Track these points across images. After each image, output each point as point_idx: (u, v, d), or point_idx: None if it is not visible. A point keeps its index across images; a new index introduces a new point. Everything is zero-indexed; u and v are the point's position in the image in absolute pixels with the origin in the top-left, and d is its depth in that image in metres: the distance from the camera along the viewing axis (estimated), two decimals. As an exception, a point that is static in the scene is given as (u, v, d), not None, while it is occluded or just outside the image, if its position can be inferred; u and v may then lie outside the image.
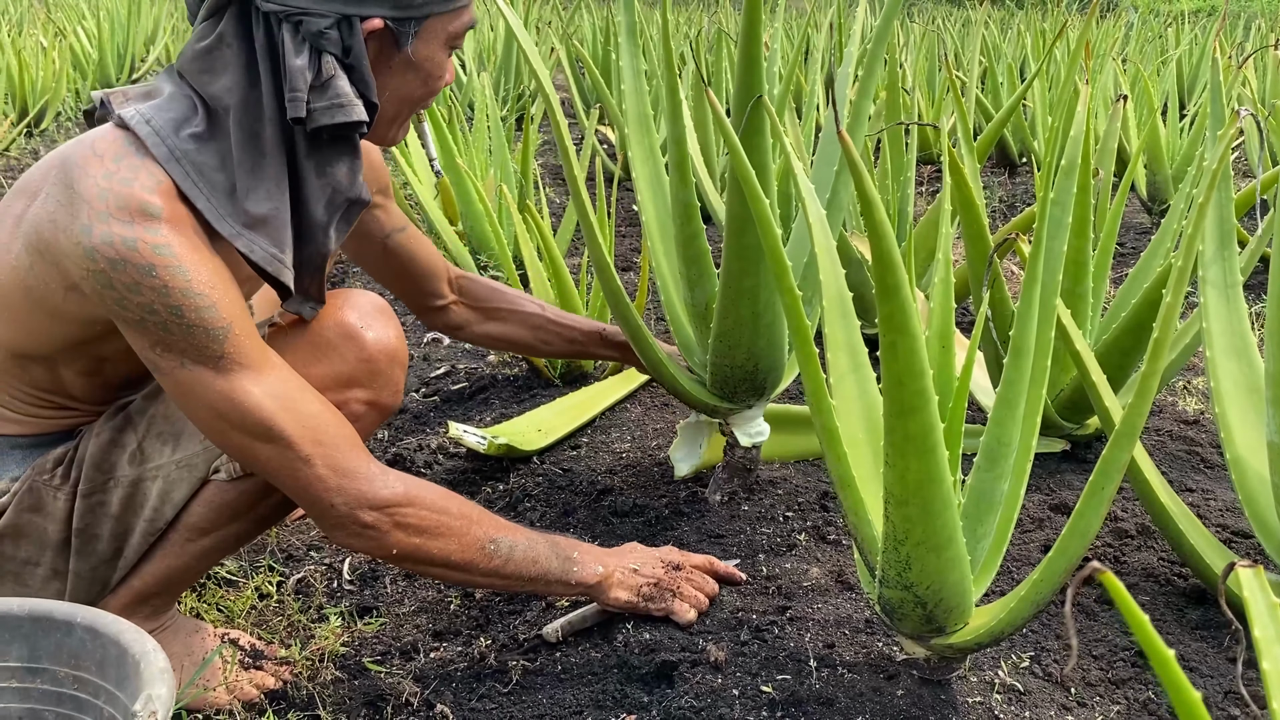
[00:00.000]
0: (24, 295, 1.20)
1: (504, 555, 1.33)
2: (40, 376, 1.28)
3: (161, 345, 1.16)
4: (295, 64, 1.16)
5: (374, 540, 1.27)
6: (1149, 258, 1.94)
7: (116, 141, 1.16)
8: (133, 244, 1.11)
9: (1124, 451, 1.04)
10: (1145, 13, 11.40)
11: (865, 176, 0.95)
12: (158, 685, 0.97)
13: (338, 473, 1.23)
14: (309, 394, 1.25)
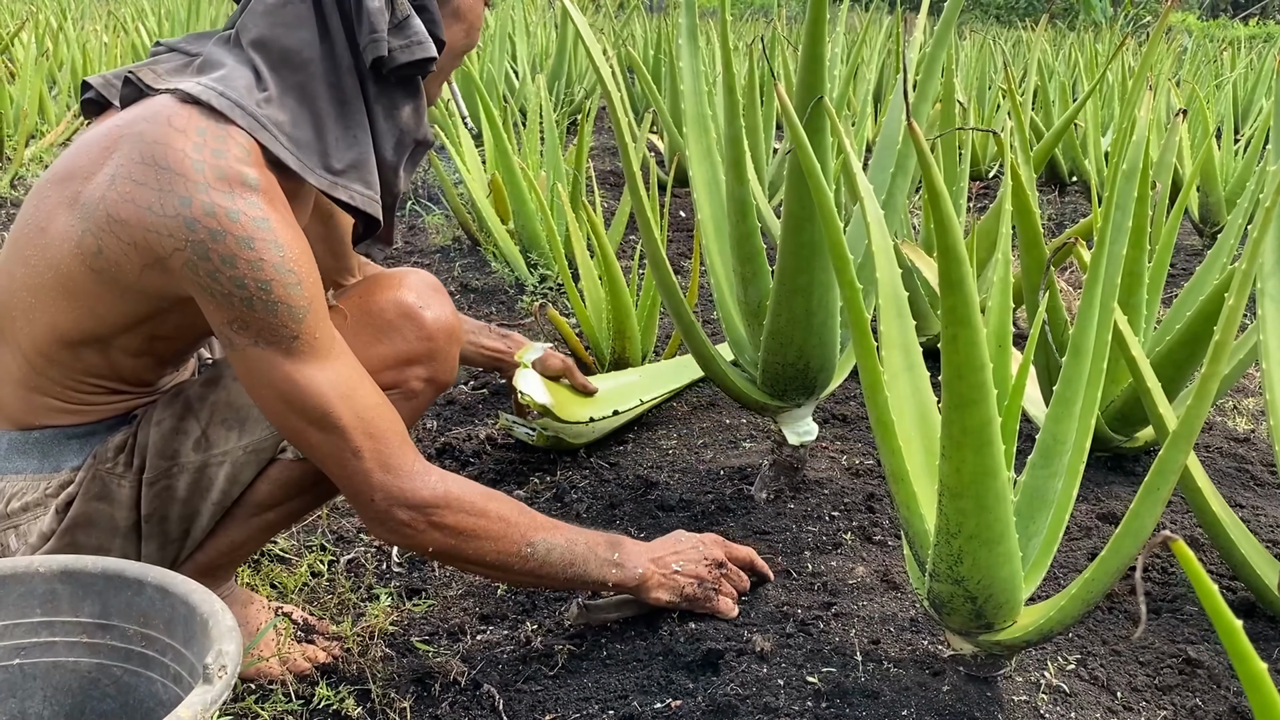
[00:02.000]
0: (90, 278, 1.20)
1: (540, 558, 1.35)
2: (92, 361, 1.28)
3: (240, 321, 1.18)
4: (373, 6, 1.20)
5: (409, 537, 1.30)
6: (1204, 273, 1.93)
7: (192, 115, 1.17)
8: (235, 215, 1.13)
9: (1181, 452, 1.04)
10: (1200, 37, 11.29)
11: (934, 167, 0.96)
12: (226, 642, 1.00)
13: (383, 468, 1.25)
14: (368, 385, 1.27)
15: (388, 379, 1.37)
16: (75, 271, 1.20)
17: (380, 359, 1.36)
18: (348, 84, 1.23)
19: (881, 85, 5.89)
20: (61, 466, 1.32)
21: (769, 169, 3.98)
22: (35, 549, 1.32)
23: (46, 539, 1.31)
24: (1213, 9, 23.38)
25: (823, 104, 1.44)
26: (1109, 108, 5.25)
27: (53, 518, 1.31)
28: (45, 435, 1.31)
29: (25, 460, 1.32)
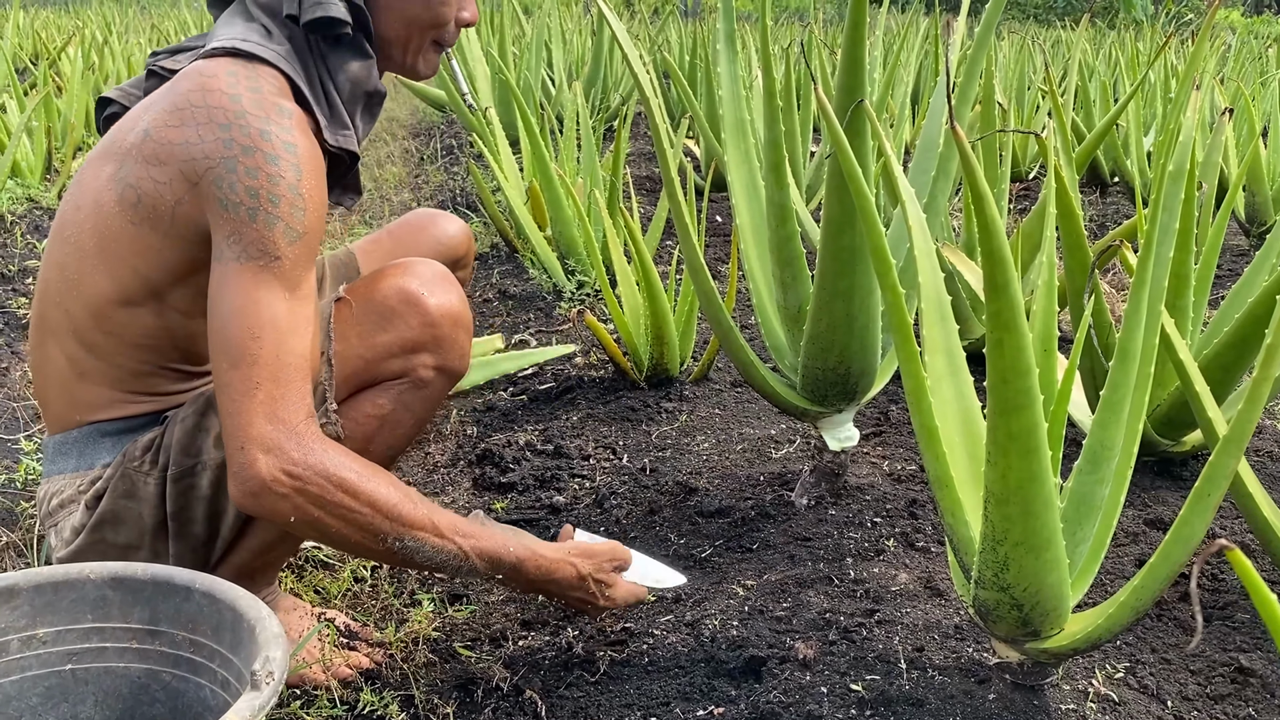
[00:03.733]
0: (129, 232, 1.27)
1: (404, 555, 1.29)
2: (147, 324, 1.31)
3: (237, 234, 1.21)
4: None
5: (268, 499, 1.20)
6: (1253, 273, 1.90)
7: (220, 63, 1.26)
8: (268, 135, 1.22)
9: (1232, 458, 1.02)
10: (1244, 34, 11.12)
11: (977, 171, 0.95)
12: (273, 648, 1.01)
13: (269, 416, 1.19)
14: (305, 339, 1.25)
15: (395, 367, 1.38)
16: (116, 229, 1.27)
17: (385, 347, 1.37)
18: (299, 38, 1.32)
19: (919, 87, 5.86)
20: (95, 463, 1.36)
21: (806, 173, 3.97)
22: (69, 544, 1.36)
23: (78, 534, 1.36)
24: (1257, 5, 23.01)
25: (863, 108, 1.44)
26: (1151, 107, 5.18)
27: (83, 513, 1.35)
28: (84, 433, 1.36)
29: (65, 460, 1.38)
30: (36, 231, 3.60)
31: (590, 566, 1.42)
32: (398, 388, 1.39)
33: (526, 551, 1.36)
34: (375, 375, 1.38)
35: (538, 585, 1.39)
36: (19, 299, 3.01)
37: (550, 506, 1.96)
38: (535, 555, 1.37)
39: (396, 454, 1.46)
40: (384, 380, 1.39)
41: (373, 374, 1.38)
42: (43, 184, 4.00)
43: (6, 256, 3.29)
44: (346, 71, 1.35)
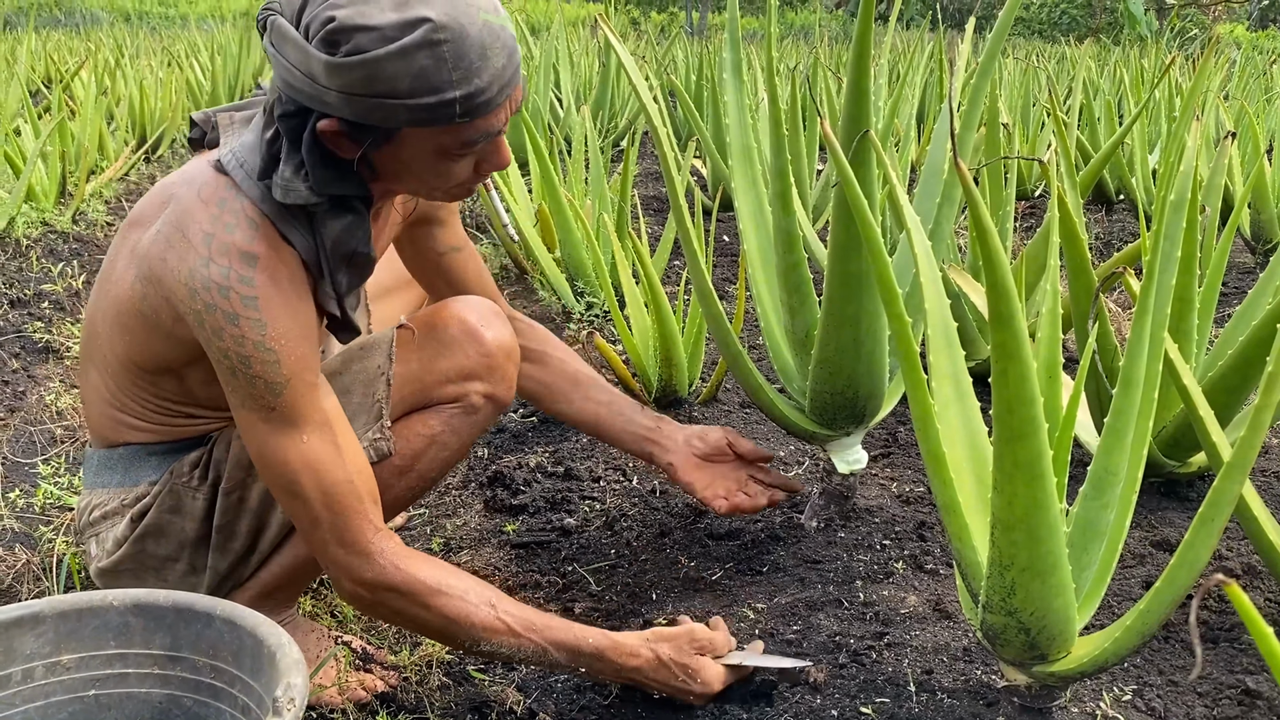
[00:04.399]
0: (140, 320, 1.30)
1: (485, 654, 1.35)
2: (170, 387, 1.38)
3: (229, 385, 1.25)
4: (264, 136, 1.21)
5: (358, 605, 1.35)
6: (1257, 295, 1.92)
7: (219, 187, 1.24)
8: (225, 292, 1.19)
9: (1235, 483, 1.04)
10: (1248, 50, 11.14)
11: (981, 207, 0.98)
12: (294, 675, 1.03)
13: (339, 542, 1.29)
14: (341, 458, 1.28)
15: (450, 392, 1.46)
16: (130, 311, 1.31)
17: (443, 373, 1.45)
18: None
19: (925, 106, 5.88)
20: (140, 481, 1.42)
21: (813, 193, 4.00)
22: (110, 554, 1.42)
23: (120, 544, 1.42)
24: (1261, 20, 23.05)
25: (869, 138, 1.46)
26: (1156, 124, 5.20)
27: (127, 525, 1.42)
28: (128, 452, 1.42)
29: (110, 475, 1.43)
30: (51, 255, 3.64)
31: (669, 649, 1.38)
32: (449, 411, 1.46)
33: (607, 641, 1.37)
34: (429, 399, 1.45)
35: (624, 674, 1.38)
36: (35, 323, 3.04)
37: (561, 529, 1.98)
38: (615, 644, 1.37)
39: (441, 474, 1.51)
40: (437, 404, 1.46)
41: (427, 397, 1.45)
42: (57, 208, 4.05)
43: (22, 281, 3.33)
44: (330, 229, 1.26)
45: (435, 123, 1.16)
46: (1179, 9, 21.40)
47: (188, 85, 7.16)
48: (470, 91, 1.14)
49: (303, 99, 1.15)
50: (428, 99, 1.13)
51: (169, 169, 5.65)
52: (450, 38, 1.11)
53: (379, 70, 1.10)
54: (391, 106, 1.13)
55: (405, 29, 1.10)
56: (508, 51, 1.17)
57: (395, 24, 1.10)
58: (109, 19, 25.12)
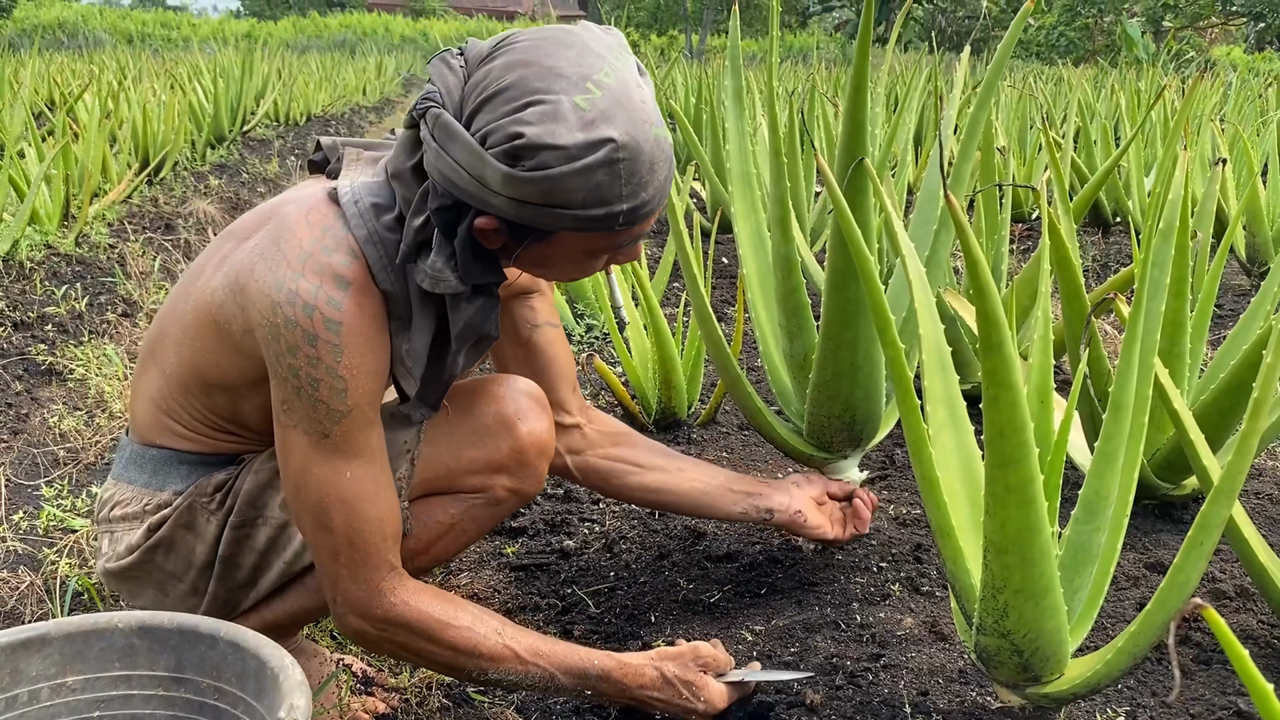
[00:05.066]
0: (213, 327, 1.31)
1: (493, 682, 1.36)
2: (221, 404, 1.39)
3: (288, 404, 1.25)
4: (412, 223, 1.21)
5: (361, 644, 1.36)
6: (1248, 319, 1.94)
7: (328, 215, 1.25)
8: (310, 311, 1.20)
9: (1224, 508, 1.06)
10: (1244, 73, 11.22)
11: (971, 237, 1.00)
12: (297, 696, 1.05)
13: (353, 578, 1.29)
14: (377, 499, 1.29)
15: (475, 483, 1.42)
16: (205, 318, 1.32)
17: (471, 462, 1.41)
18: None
19: (922, 129, 5.92)
20: (165, 487, 1.42)
21: (810, 216, 4.03)
22: (120, 558, 1.43)
23: (132, 551, 1.43)
24: (1258, 42, 23.19)
25: (864, 166, 1.49)
26: (1152, 147, 5.24)
27: (143, 533, 1.42)
28: (161, 455, 1.43)
29: (138, 473, 1.44)
30: (54, 278, 3.67)
31: (675, 667, 1.39)
32: (471, 500, 1.42)
33: (613, 662, 1.37)
34: (454, 486, 1.42)
35: (628, 693, 1.38)
36: (38, 345, 3.06)
37: (560, 551, 1.99)
38: (621, 665, 1.38)
39: (455, 555, 1.51)
40: (460, 491, 1.42)
41: (452, 484, 1.41)
42: (60, 230, 4.08)
43: (25, 303, 3.35)
44: (463, 311, 1.28)
45: (596, 230, 1.19)
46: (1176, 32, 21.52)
47: (190, 108, 7.21)
48: (636, 204, 1.18)
49: (464, 196, 1.17)
50: (597, 210, 1.16)
51: (171, 192, 5.68)
52: (628, 156, 1.14)
53: (558, 185, 1.13)
54: (559, 215, 1.16)
55: (590, 149, 1.12)
56: (669, 163, 1.22)
57: (581, 144, 1.12)
58: (111, 41, 25.29)
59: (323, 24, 36.57)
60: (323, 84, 12.44)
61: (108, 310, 3.52)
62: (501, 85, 1.14)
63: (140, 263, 4.09)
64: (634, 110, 1.15)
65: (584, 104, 1.12)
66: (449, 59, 1.20)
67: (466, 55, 1.20)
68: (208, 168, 6.63)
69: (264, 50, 11.56)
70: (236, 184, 6.33)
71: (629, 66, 1.19)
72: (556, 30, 1.19)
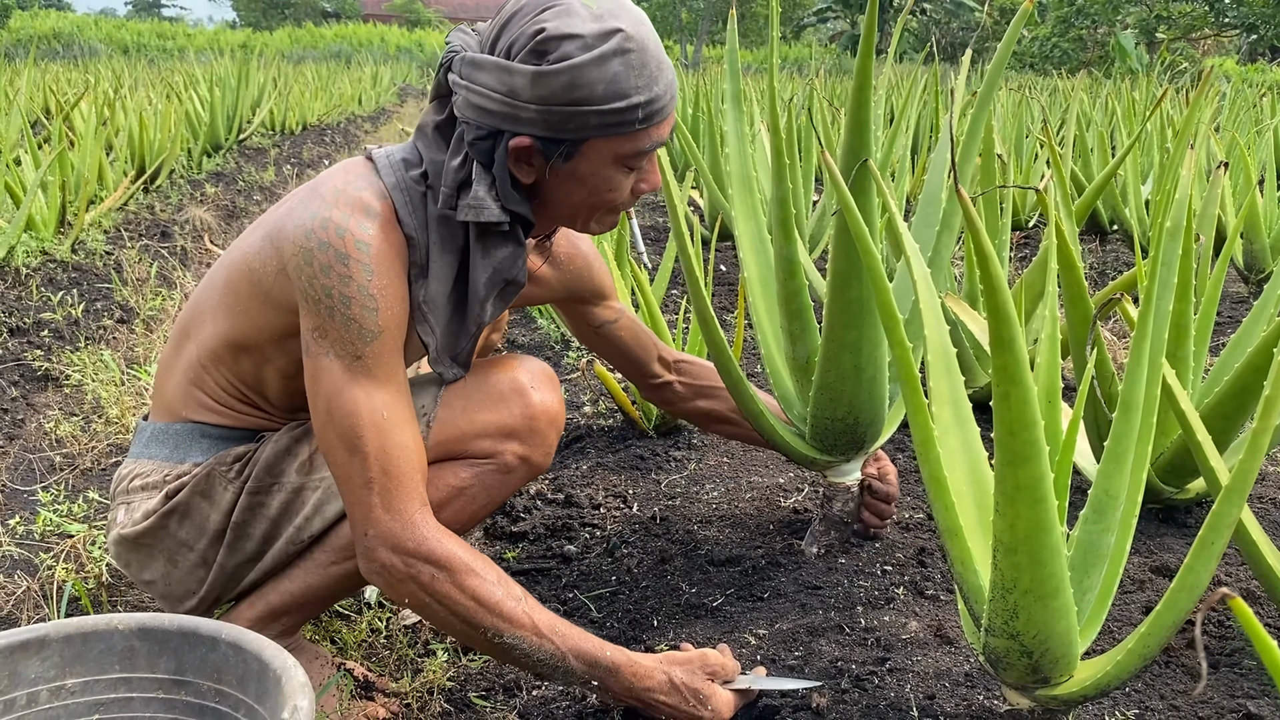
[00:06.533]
0: (248, 277, 1.37)
1: (505, 649, 1.33)
2: (248, 369, 1.43)
3: (320, 329, 1.29)
4: (450, 164, 1.31)
5: (387, 581, 1.32)
6: (1251, 323, 1.94)
7: (361, 164, 1.37)
8: (342, 232, 1.28)
9: (1234, 507, 1.05)
10: (1238, 83, 11.26)
11: (982, 232, 0.99)
12: (300, 698, 1.04)
13: (386, 506, 1.30)
14: (408, 428, 1.33)
15: (486, 447, 1.45)
16: (240, 272, 1.38)
17: (484, 425, 1.45)
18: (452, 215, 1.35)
19: (918, 139, 5.93)
20: (186, 459, 1.47)
21: (809, 224, 4.03)
22: (136, 523, 1.46)
23: (148, 516, 1.45)
24: (1251, 53, 23.30)
25: (868, 167, 1.48)
26: (1148, 156, 5.25)
27: (160, 500, 1.45)
28: (184, 429, 1.47)
29: (160, 448, 1.48)
30: (50, 284, 3.65)
31: (682, 673, 1.38)
32: (482, 466, 1.45)
33: (624, 658, 1.37)
34: (466, 449, 1.45)
35: (634, 693, 1.37)
36: (34, 351, 3.05)
37: (562, 556, 1.98)
38: (631, 662, 1.37)
39: (465, 527, 1.49)
40: (472, 456, 1.45)
41: (464, 448, 1.45)
42: (56, 237, 4.06)
43: (21, 310, 3.34)
44: (492, 257, 1.37)
45: (619, 128, 1.27)
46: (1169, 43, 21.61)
47: (187, 117, 7.20)
48: (650, 98, 1.27)
49: (497, 121, 1.26)
50: (618, 103, 1.25)
51: (168, 199, 5.67)
52: (636, 47, 1.25)
53: (581, 76, 1.22)
54: (584, 114, 1.25)
55: (604, 37, 1.23)
56: (669, 66, 1.32)
57: (596, 33, 1.23)
58: (107, 51, 25.30)
59: (318, 34, 36.60)
60: (318, 93, 12.44)
61: (104, 316, 3.50)
62: (516, 8, 1.26)
63: (137, 269, 4.08)
64: (633, 10, 1.28)
65: (591, 2, 1.25)
66: (465, 29, 1.32)
67: (479, 27, 1.33)
68: (204, 176, 6.62)
69: (260, 60, 11.56)
70: (233, 192, 6.31)
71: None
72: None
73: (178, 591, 1.49)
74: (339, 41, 34.64)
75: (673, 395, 1.92)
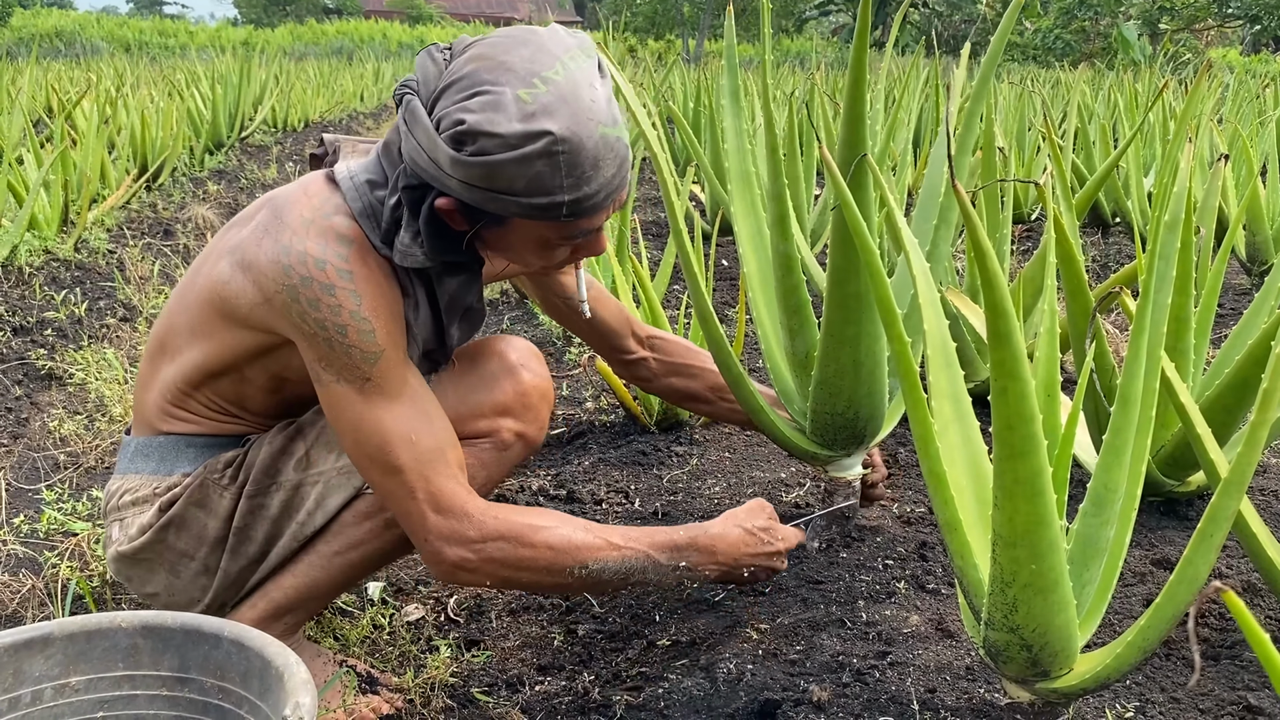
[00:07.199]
0: (221, 305, 1.35)
1: (595, 576, 1.40)
2: (227, 389, 1.44)
3: (324, 360, 1.30)
4: (389, 202, 1.29)
5: (464, 574, 1.36)
6: (1252, 315, 1.94)
7: (324, 189, 1.34)
8: (322, 264, 1.26)
9: (1233, 499, 1.05)
10: (1241, 73, 11.24)
11: (979, 227, 0.99)
12: (302, 695, 1.04)
13: (436, 509, 1.33)
14: (432, 431, 1.35)
15: (483, 426, 1.49)
16: (213, 300, 1.37)
17: (478, 405, 1.49)
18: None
19: (920, 131, 5.93)
20: (174, 471, 1.47)
21: (810, 217, 4.03)
22: (132, 539, 1.46)
23: (144, 531, 1.46)
24: (1254, 44, 23.25)
25: (866, 161, 1.48)
26: (1150, 148, 5.24)
27: (154, 513, 1.45)
28: (168, 441, 1.47)
29: (145, 462, 1.48)
30: (54, 283, 3.66)
31: (748, 520, 1.50)
32: (479, 445, 1.49)
33: (696, 529, 1.46)
34: (462, 431, 1.47)
35: (717, 557, 1.46)
36: (37, 350, 3.06)
37: (564, 551, 1.98)
38: (704, 530, 1.47)
39: None
40: (469, 437, 1.48)
41: (461, 429, 1.46)
42: (59, 236, 4.07)
43: (25, 309, 3.35)
44: (446, 285, 1.40)
45: (543, 219, 1.25)
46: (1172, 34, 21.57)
47: (188, 115, 7.21)
48: (579, 197, 1.23)
49: (426, 176, 1.24)
50: (539, 199, 1.22)
51: (170, 197, 5.68)
52: (568, 150, 1.20)
53: (499, 171, 1.19)
54: (505, 200, 1.23)
55: (527, 139, 1.18)
56: (619, 161, 1.26)
57: (519, 134, 1.17)
58: (109, 49, 25.30)
59: (320, 31, 36.59)
60: (320, 90, 12.44)
61: (107, 315, 3.51)
62: (458, 76, 1.21)
63: (140, 268, 4.09)
64: (580, 108, 1.20)
65: (527, 97, 1.18)
66: (434, 53, 1.27)
67: (451, 50, 1.27)
68: (206, 173, 6.63)
69: (262, 57, 11.56)
70: (235, 189, 6.32)
71: (584, 68, 1.24)
72: (521, 30, 1.27)
73: (181, 601, 1.49)
74: (340, 38, 34.63)
75: (646, 372, 1.92)
